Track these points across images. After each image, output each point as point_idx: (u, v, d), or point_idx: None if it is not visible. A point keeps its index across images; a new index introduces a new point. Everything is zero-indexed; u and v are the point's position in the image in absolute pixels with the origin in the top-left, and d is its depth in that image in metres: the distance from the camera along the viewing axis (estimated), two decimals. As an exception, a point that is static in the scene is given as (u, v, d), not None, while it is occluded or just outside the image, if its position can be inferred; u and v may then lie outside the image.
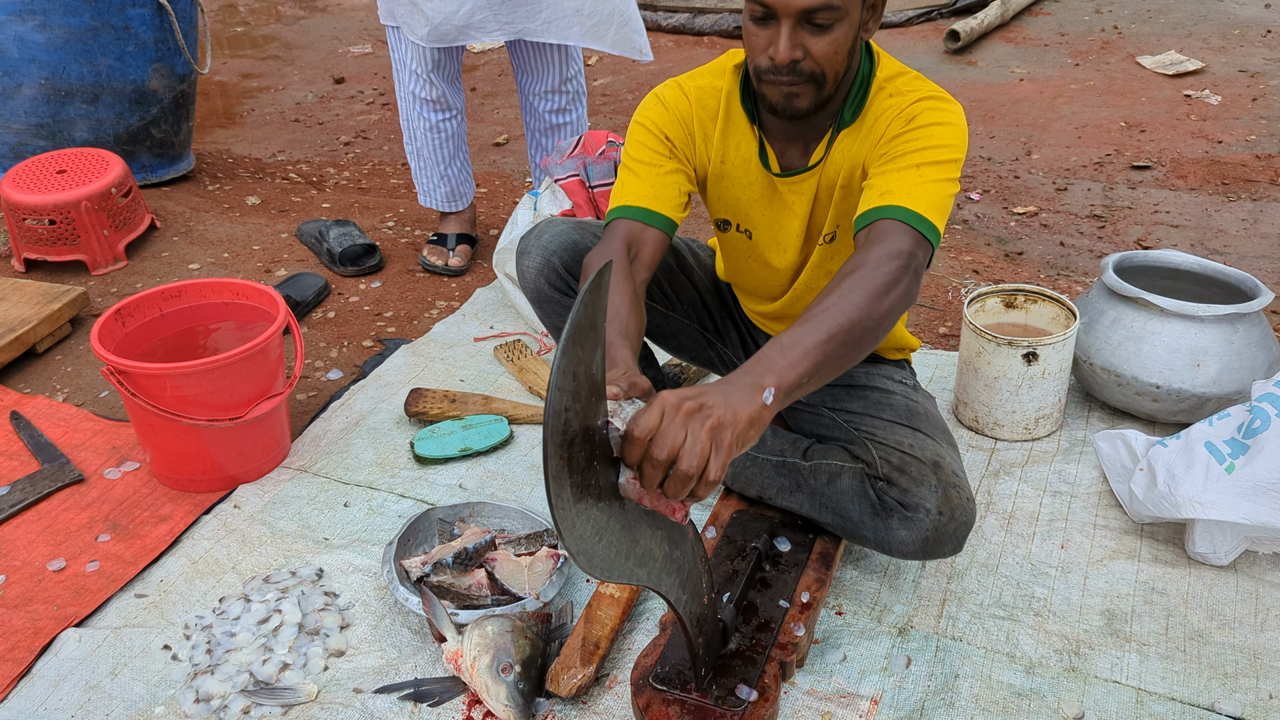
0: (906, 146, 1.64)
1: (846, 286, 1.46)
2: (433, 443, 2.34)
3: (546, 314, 2.04)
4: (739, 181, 1.81)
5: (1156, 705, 1.68)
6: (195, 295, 2.38)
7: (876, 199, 1.60)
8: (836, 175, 1.75)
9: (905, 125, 1.65)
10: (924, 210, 1.58)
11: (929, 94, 1.68)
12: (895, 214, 1.57)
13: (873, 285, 1.47)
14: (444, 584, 1.87)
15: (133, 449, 2.38)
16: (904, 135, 1.65)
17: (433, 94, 3.02)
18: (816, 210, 1.80)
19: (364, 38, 6.48)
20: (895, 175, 1.61)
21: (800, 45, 1.58)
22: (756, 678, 1.64)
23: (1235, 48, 5.57)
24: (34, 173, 3.23)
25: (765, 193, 1.82)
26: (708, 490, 1.26)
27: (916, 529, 1.73)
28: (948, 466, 1.77)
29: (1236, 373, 2.23)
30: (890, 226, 1.56)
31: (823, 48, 1.59)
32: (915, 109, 1.66)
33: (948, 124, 1.65)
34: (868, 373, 1.99)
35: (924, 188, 1.60)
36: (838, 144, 1.73)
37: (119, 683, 1.77)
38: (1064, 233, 3.59)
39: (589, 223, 2.04)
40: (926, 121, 1.64)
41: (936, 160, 1.63)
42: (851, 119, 1.72)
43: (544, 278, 1.97)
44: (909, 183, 1.60)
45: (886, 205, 1.58)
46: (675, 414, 1.24)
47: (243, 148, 4.67)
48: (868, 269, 1.49)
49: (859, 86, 1.71)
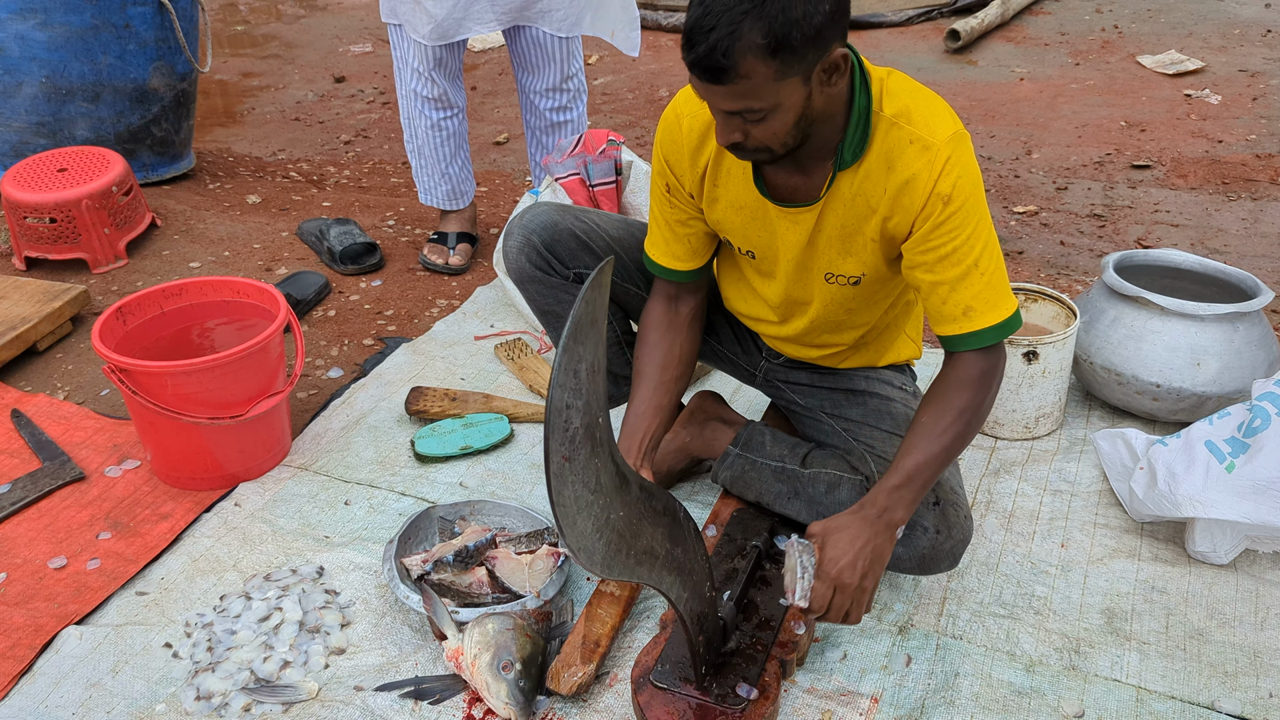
0: (955, 239, 1.58)
1: (951, 420, 1.63)
2: (433, 441, 2.34)
3: (528, 294, 2.07)
4: (733, 204, 1.74)
5: (1157, 704, 1.68)
6: (196, 293, 2.38)
7: (961, 318, 1.63)
8: (840, 216, 1.66)
9: (945, 210, 1.57)
10: (1004, 312, 1.63)
11: (950, 134, 1.57)
12: (986, 339, 1.63)
13: (978, 414, 1.65)
14: (445, 582, 1.87)
15: (133, 447, 2.38)
16: (948, 224, 1.58)
17: (434, 92, 3.02)
18: (818, 242, 1.71)
19: (364, 37, 6.48)
20: (964, 287, 1.61)
21: (738, 130, 1.51)
22: (757, 676, 1.64)
23: (1235, 47, 5.57)
24: (35, 171, 3.23)
25: (759, 216, 1.74)
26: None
27: (913, 547, 1.74)
28: (945, 482, 1.78)
29: (1237, 372, 2.23)
30: (982, 357, 1.65)
31: (762, 133, 1.50)
32: (949, 185, 1.56)
33: (975, 183, 1.59)
34: (867, 378, 1.97)
35: (990, 280, 1.62)
36: (839, 184, 1.63)
37: (120, 680, 1.77)
38: (1064, 232, 3.59)
39: (572, 207, 2.05)
40: (963, 199, 1.57)
41: (986, 239, 1.61)
42: (852, 160, 1.60)
43: (524, 256, 2.01)
44: (977, 287, 1.61)
45: (974, 332, 1.63)
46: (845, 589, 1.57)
47: (243, 146, 4.67)
48: (979, 408, 1.65)
49: (856, 124, 1.58)
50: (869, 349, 1.95)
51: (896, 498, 1.60)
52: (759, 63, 1.39)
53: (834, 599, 1.57)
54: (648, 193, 2.79)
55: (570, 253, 2.00)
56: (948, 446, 1.62)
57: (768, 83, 1.42)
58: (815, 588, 1.56)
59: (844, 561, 1.56)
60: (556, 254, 2.00)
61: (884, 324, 1.91)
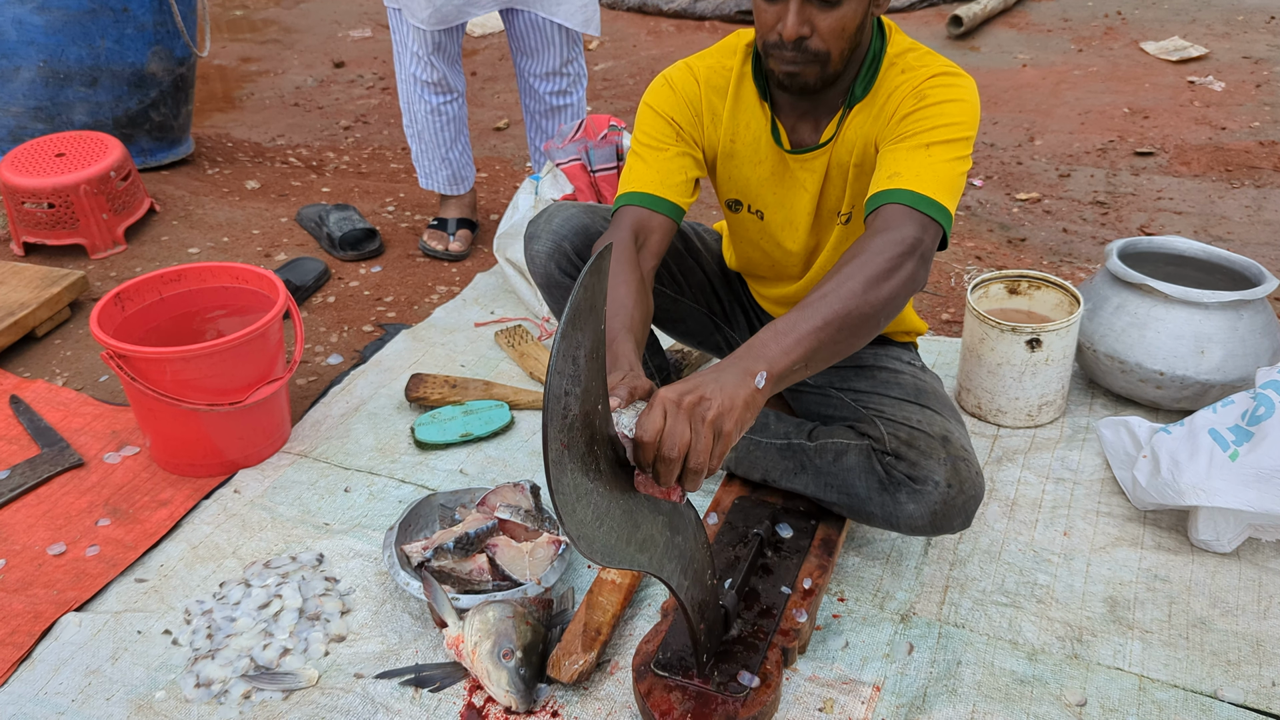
0: (916, 125, 1.62)
1: (846, 273, 1.45)
2: (433, 428, 2.33)
3: (555, 300, 2.02)
4: (749, 160, 1.80)
5: (1159, 692, 1.68)
6: (195, 279, 2.37)
7: (885, 181, 1.58)
8: (849, 153, 1.74)
9: (916, 103, 1.64)
10: (933, 192, 1.56)
11: (941, 69, 1.67)
12: (902, 198, 1.55)
13: (872, 272, 1.46)
14: (445, 569, 1.86)
15: (132, 433, 2.37)
16: (914, 114, 1.63)
17: (434, 76, 3.01)
18: (828, 188, 1.79)
19: (363, 22, 6.46)
20: (904, 155, 1.60)
21: (808, 22, 1.57)
22: (758, 664, 1.64)
23: (1239, 34, 5.55)
24: (32, 156, 3.22)
25: (776, 170, 1.80)
26: (711, 475, 1.32)
27: (925, 502, 1.73)
28: (956, 441, 1.77)
29: (1240, 359, 2.22)
30: (896, 212, 1.54)
31: (830, 24, 1.57)
32: (926, 86, 1.65)
33: (958, 100, 1.64)
34: (875, 354, 1.99)
35: (934, 169, 1.58)
36: (849, 121, 1.72)
37: (119, 667, 1.76)
38: (1067, 219, 3.57)
39: (599, 207, 2.02)
40: (937, 99, 1.63)
41: (947, 139, 1.61)
42: (863, 95, 1.70)
43: (554, 262, 1.95)
44: (918, 163, 1.58)
45: (894, 189, 1.57)
46: (678, 411, 1.28)
47: (242, 132, 4.65)
48: (868, 255, 1.48)
49: (870, 63, 1.69)
50: None
51: (766, 341, 1.39)
52: None
53: (666, 425, 1.27)
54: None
55: None
56: (845, 303, 1.42)
57: None
58: (644, 412, 1.30)
59: (679, 388, 1.31)
60: (587, 260, 1.95)
61: None
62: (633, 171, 1.79)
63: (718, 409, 1.30)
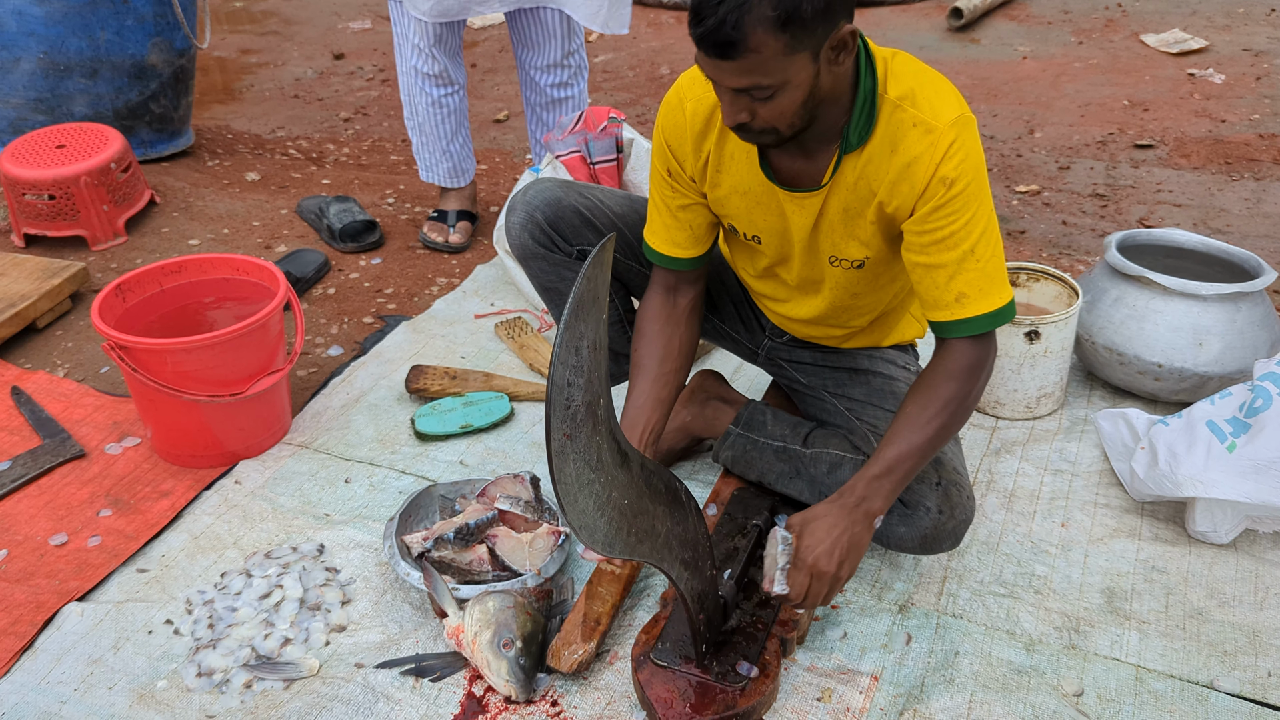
0: (954, 223, 1.56)
1: (936, 410, 1.63)
2: (434, 419, 2.34)
3: (531, 271, 2.06)
4: (737, 189, 1.72)
5: (1156, 682, 1.69)
6: (196, 270, 2.37)
7: (953, 304, 1.61)
8: (845, 200, 1.65)
9: (947, 193, 1.55)
10: (996, 300, 1.61)
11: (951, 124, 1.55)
12: (976, 327, 1.62)
13: (963, 405, 1.65)
14: (445, 559, 1.87)
15: (134, 424, 2.38)
16: (948, 207, 1.56)
17: (434, 69, 3.01)
18: (823, 228, 1.70)
19: (363, 13, 6.45)
20: (956, 266, 1.59)
21: (745, 110, 1.49)
22: (757, 654, 1.65)
23: (1239, 26, 5.55)
24: (33, 147, 3.22)
25: (766, 202, 1.72)
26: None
27: (915, 526, 1.74)
28: (948, 463, 1.77)
29: (1239, 352, 2.22)
30: (971, 347, 1.64)
31: (769, 112, 1.48)
32: (951, 169, 1.54)
33: (977, 167, 1.57)
34: (870, 357, 1.97)
35: (987, 269, 1.60)
36: (844, 168, 1.62)
37: (121, 657, 1.77)
38: (1066, 212, 3.58)
39: (575, 183, 2.04)
40: (965, 179, 1.55)
41: (986, 224, 1.59)
42: (858, 144, 1.58)
43: (527, 232, 2.00)
44: (972, 274, 1.59)
45: (967, 319, 1.61)
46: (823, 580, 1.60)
47: (242, 124, 4.65)
48: (958, 394, 1.63)
49: (862, 107, 1.56)
50: (874, 330, 1.95)
51: (875, 487, 1.62)
52: (769, 36, 1.38)
53: (810, 586, 1.59)
54: (649, 170, 2.78)
55: (573, 229, 1.99)
56: (931, 438, 1.63)
57: (777, 57, 1.40)
58: (792, 575, 1.59)
59: (820, 550, 1.59)
60: (560, 230, 1.99)
61: (891, 307, 1.91)
62: (651, 222, 1.87)
63: (851, 566, 1.62)
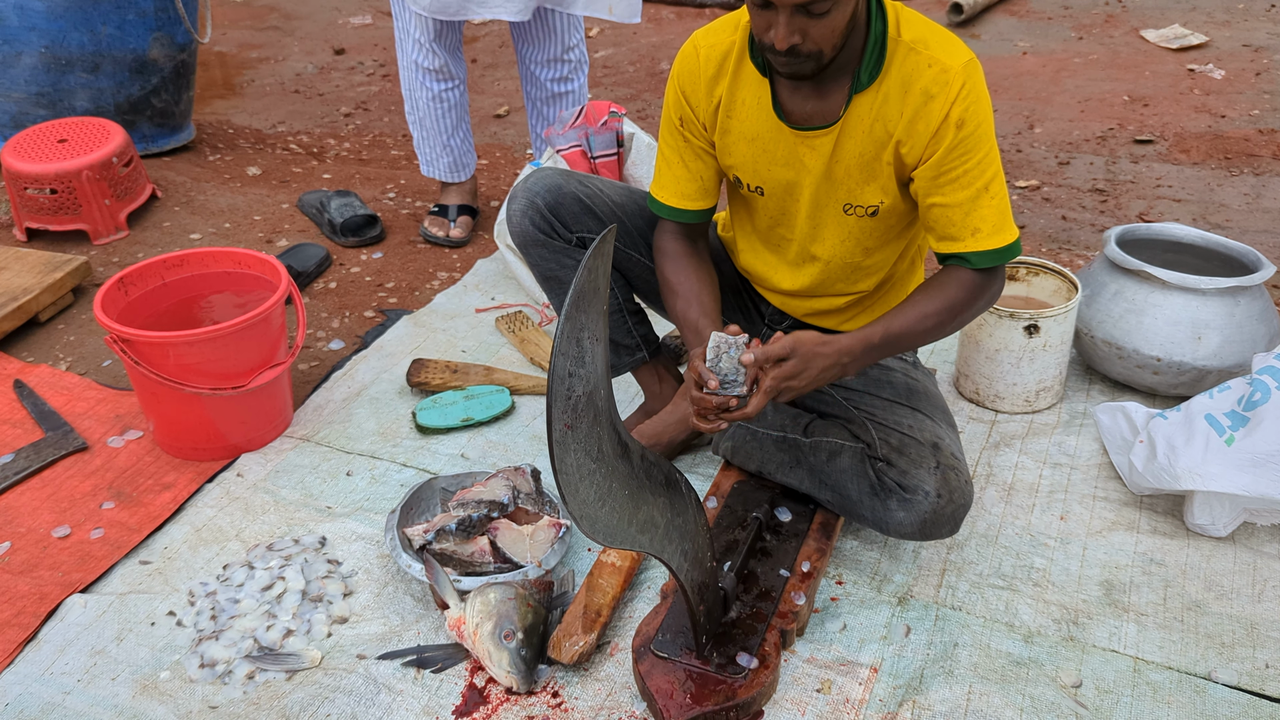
0: (967, 162, 1.67)
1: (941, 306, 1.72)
2: (435, 413, 2.35)
3: (531, 259, 2.08)
4: (745, 135, 1.78)
5: (1154, 674, 1.69)
6: (198, 264, 2.38)
7: (969, 238, 1.71)
8: (856, 140, 1.71)
9: (958, 134, 1.64)
10: (1008, 235, 1.71)
11: (963, 66, 1.64)
12: (989, 260, 1.71)
13: (961, 315, 1.74)
14: (447, 551, 1.88)
15: (136, 417, 2.38)
16: (960, 148, 1.66)
17: (435, 63, 3.01)
18: (838, 173, 1.75)
19: (364, 8, 6.45)
20: (970, 202, 1.69)
21: (798, 31, 1.55)
22: (757, 646, 1.65)
23: (1239, 22, 5.55)
24: (35, 142, 3.22)
25: (775, 144, 1.77)
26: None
27: (914, 511, 1.75)
28: (946, 448, 1.78)
29: (1237, 345, 2.23)
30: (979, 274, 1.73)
31: (820, 31, 1.56)
32: (962, 110, 1.64)
33: (986, 110, 1.67)
34: None
35: (999, 207, 1.70)
36: (854, 106, 1.69)
37: (124, 648, 1.78)
38: (1066, 206, 3.58)
39: (575, 172, 2.06)
40: (975, 121, 1.65)
41: (995, 166, 1.69)
42: (869, 82, 1.67)
43: (528, 219, 2.02)
44: (987, 211, 1.69)
45: (982, 251, 1.71)
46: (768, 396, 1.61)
47: (243, 118, 4.66)
48: (963, 302, 1.73)
49: (873, 47, 1.66)
50: (873, 308, 1.97)
51: (864, 350, 1.68)
52: None
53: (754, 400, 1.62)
54: (649, 165, 2.79)
55: (574, 216, 2.00)
56: (929, 330, 1.72)
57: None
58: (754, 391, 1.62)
59: (795, 384, 1.64)
60: (560, 217, 2.01)
61: (894, 274, 1.94)
62: (659, 175, 1.92)
63: (794, 395, 1.65)
